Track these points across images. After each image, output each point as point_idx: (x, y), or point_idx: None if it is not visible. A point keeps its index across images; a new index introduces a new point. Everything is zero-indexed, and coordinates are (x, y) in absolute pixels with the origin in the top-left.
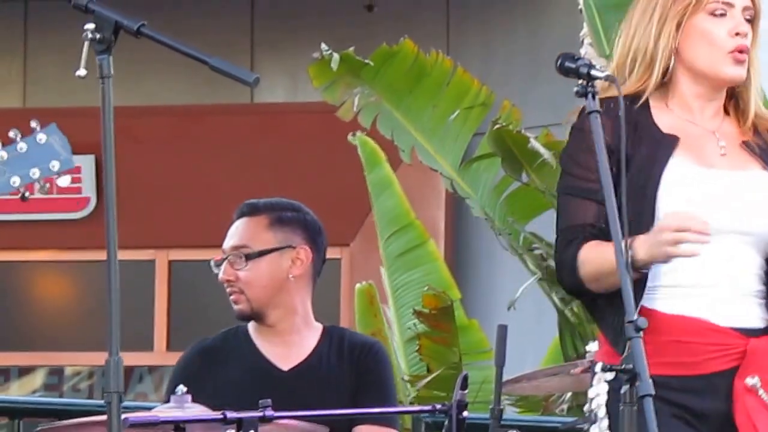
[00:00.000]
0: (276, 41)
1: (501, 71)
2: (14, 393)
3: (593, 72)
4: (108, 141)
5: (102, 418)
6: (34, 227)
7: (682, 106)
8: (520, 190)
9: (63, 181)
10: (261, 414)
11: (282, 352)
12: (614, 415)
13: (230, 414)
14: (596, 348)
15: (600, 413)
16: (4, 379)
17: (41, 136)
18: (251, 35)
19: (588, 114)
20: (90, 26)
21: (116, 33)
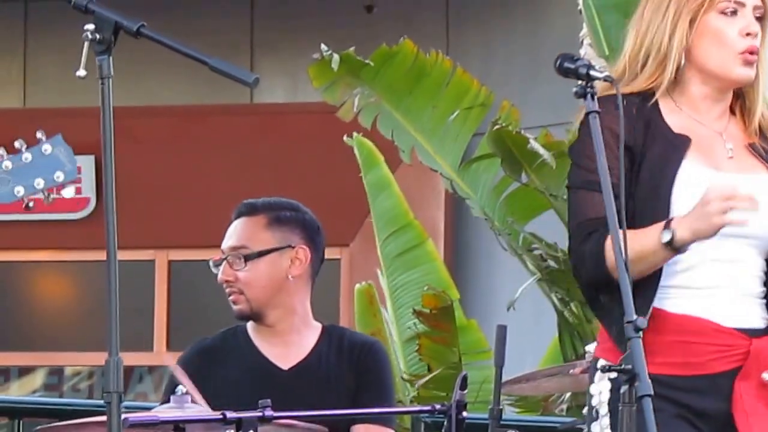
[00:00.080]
0: (276, 42)
1: (500, 71)
2: (14, 393)
3: (592, 72)
4: (108, 141)
5: (102, 418)
6: (34, 227)
7: (691, 106)
8: (520, 191)
9: (68, 192)
10: (260, 414)
11: (281, 352)
12: (616, 414)
13: (230, 414)
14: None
15: (602, 411)
16: (4, 379)
17: (46, 147)
18: (251, 36)
19: (587, 114)
20: (90, 27)
21: (116, 33)
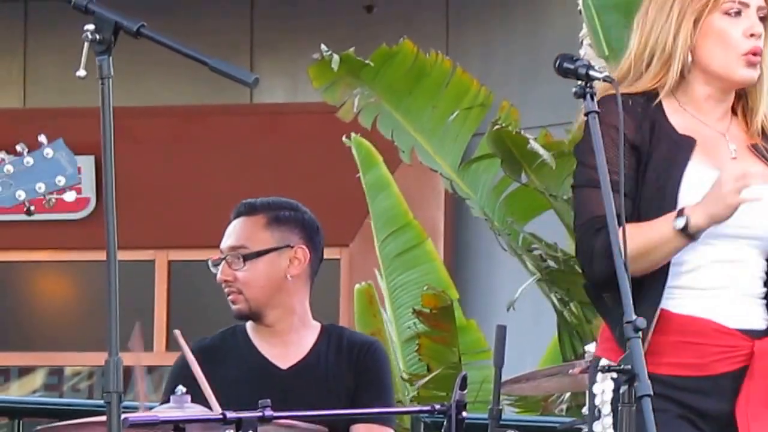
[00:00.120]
0: (275, 42)
1: (500, 72)
2: (14, 393)
3: (592, 73)
4: (108, 141)
5: (102, 418)
6: (34, 227)
7: (694, 106)
8: (520, 191)
9: (69, 197)
10: (260, 414)
11: (280, 352)
12: (617, 413)
13: (230, 414)
14: (595, 349)
15: (604, 410)
16: (4, 379)
17: (48, 151)
18: (251, 36)
19: (586, 115)
20: (90, 27)
21: (116, 34)
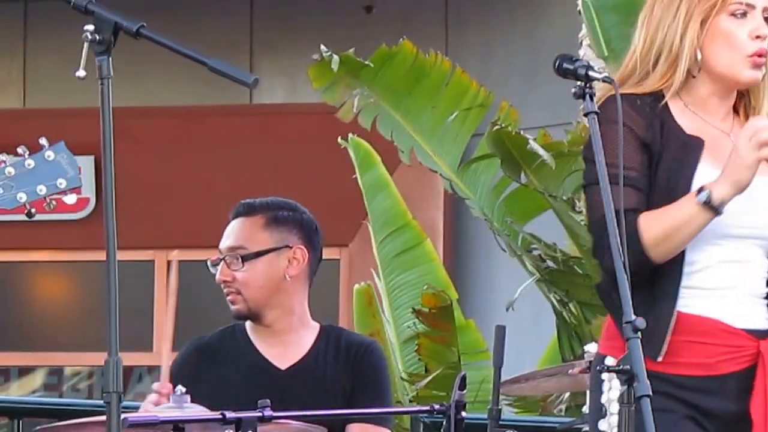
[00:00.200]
0: (275, 42)
1: (500, 72)
2: (14, 393)
3: (591, 73)
4: (107, 142)
5: (102, 418)
6: (34, 227)
7: (698, 106)
8: (519, 191)
9: (70, 199)
10: (260, 414)
11: (279, 352)
12: None
13: (229, 414)
14: (594, 349)
15: (611, 408)
16: (4, 379)
17: (49, 153)
18: (250, 36)
19: (585, 116)
20: (89, 27)
21: (116, 34)
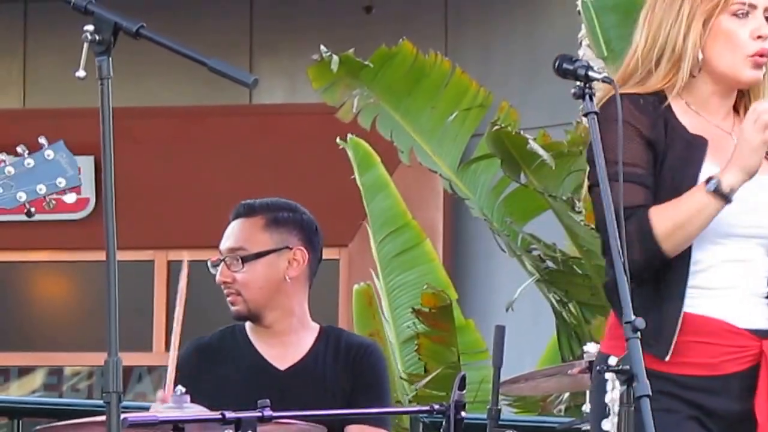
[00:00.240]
0: (275, 43)
1: (499, 72)
2: (14, 393)
3: (591, 74)
4: (107, 142)
5: (101, 418)
6: (34, 227)
7: (700, 105)
8: (519, 191)
9: (69, 198)
10: (260, 414)
11: (279, 352)
12: None
13: (229, 414)
14: (593, 349)
15: (616, 408)
16: (4, 379)
17: (49, 153)
18: (250, 36)
19: (585, 116)
20: (89, 27)
21: (115, 34)
